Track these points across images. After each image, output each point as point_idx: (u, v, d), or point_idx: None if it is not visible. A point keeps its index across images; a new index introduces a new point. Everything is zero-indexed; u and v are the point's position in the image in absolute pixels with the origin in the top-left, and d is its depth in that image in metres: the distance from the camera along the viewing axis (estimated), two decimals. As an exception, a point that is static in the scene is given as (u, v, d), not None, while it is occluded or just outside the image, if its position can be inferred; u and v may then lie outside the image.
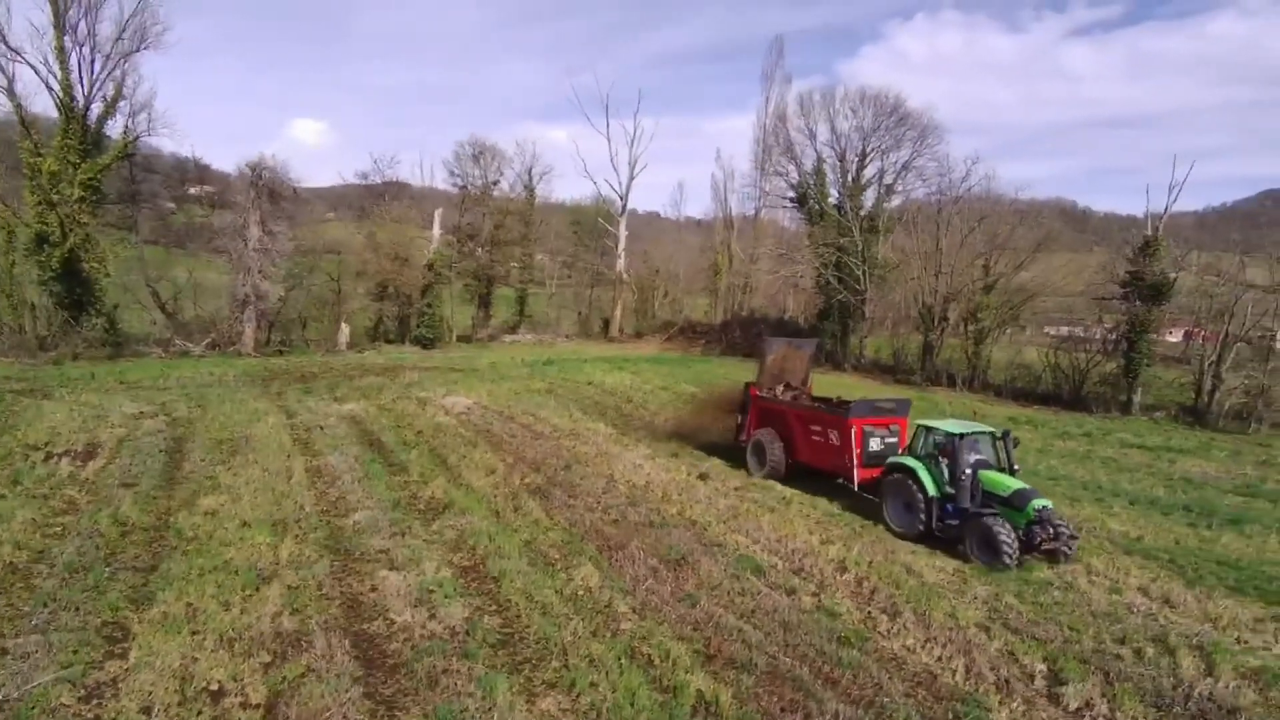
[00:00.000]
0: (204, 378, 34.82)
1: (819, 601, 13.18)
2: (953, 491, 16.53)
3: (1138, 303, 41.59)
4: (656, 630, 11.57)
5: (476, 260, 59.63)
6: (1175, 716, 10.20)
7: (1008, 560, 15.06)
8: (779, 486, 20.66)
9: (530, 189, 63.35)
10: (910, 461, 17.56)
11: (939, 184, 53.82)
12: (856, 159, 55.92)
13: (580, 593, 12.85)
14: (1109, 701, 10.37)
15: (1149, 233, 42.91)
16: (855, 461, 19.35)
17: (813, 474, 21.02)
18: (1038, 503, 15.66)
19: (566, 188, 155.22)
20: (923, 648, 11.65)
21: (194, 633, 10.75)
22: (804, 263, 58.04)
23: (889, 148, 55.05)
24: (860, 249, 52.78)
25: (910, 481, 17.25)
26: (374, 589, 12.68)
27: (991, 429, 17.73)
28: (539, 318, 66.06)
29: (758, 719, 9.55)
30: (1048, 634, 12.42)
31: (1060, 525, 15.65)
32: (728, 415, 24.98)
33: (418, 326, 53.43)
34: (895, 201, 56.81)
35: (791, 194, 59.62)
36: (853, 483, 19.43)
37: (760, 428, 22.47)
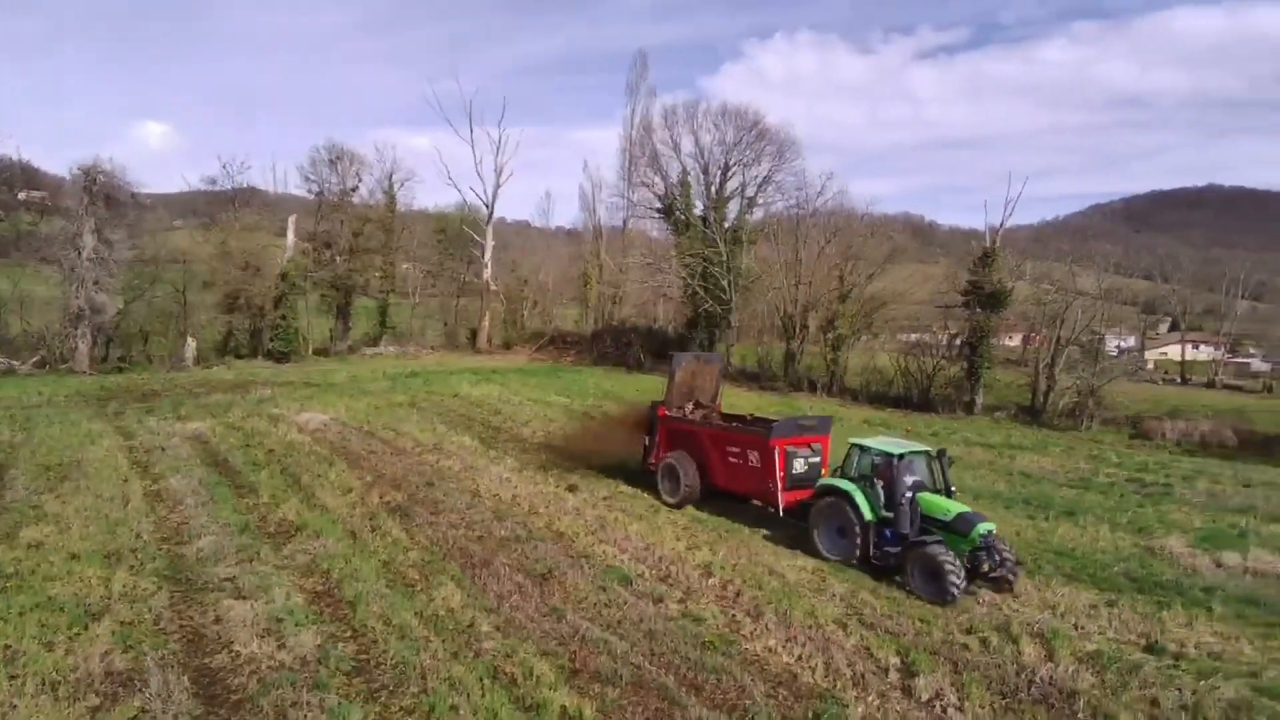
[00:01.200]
0: (31, 398, 31.91)
1: (685, 608, 13.26)
2: (890, 516, 15.51)
3: (978, 310, 44.31)
4: (520, 648, 11.33)
5: (334, 270, 57.30)
6: (1019, 702, 10.76)
7: (954, 593, 13.93)
8: (648, 495, 20.73)
9: (391, 195, 61.47)
10: (844, 484, 16.32)
11: (797, 198, 56.03)
12: (719, 172, 57.37)
13: (441, 613, 12.44)
14: (958, 691, 10.86)
15: (988, 245, 45.89)
16: (779, 485, 17.88)
17: (729, 498, 19.82)
18: (983, 527, 14.71)
19: (430, 195, 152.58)
20: (784, 648, 11.89)
21: (12, 677, 9.75)
22: (672, 273, 58.88)
23: (750, 162, 56.81)
24: (725, 259, 53.99)
25: (845, 506, 15.99)
26: (217, 620, 11.85)
27: (926, 448, 16.59)
28: (402, 329, 64.11)
29: (622, 731, 9.47)
30: (900, 628, 12.94)
31: (1005, 551, 14.79)
32: (630, 436, 23.03)
33: (271, 340, 50.86)
34: (757, 214, 58.62)
35: (658, 205, 60.50)
36: (777, 508, 17.92)
37: (671, 450, 20.69)
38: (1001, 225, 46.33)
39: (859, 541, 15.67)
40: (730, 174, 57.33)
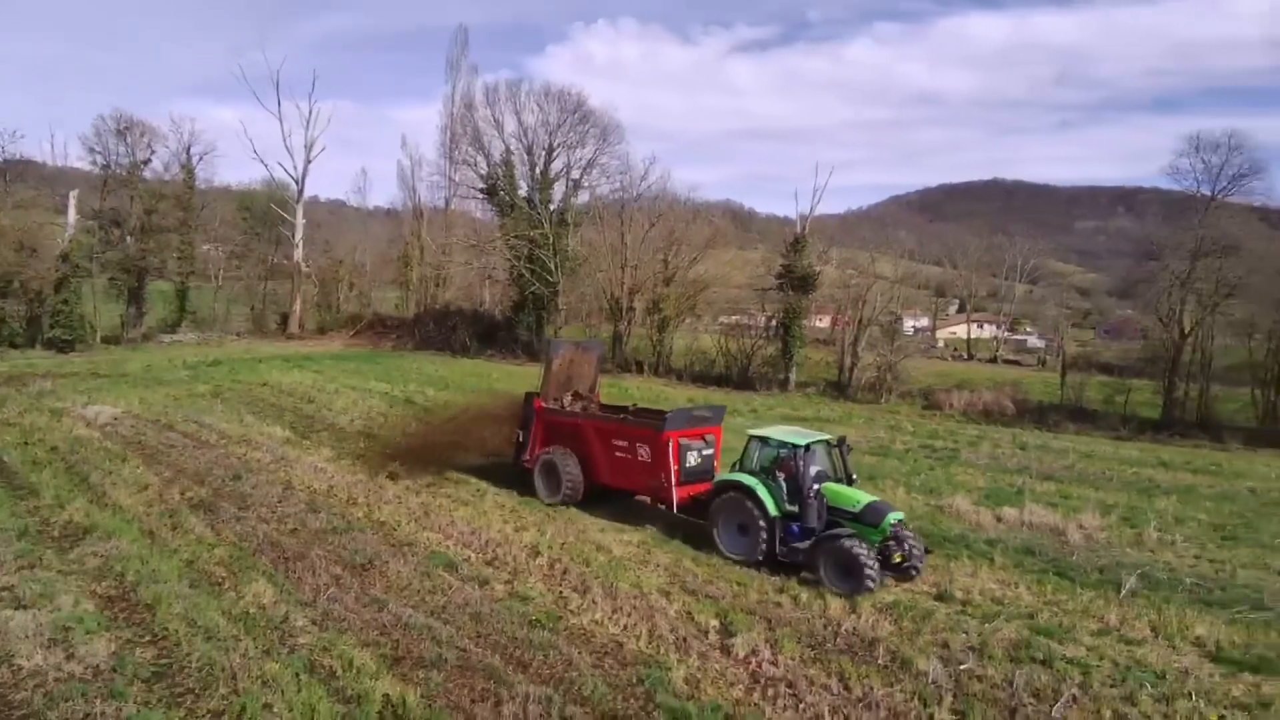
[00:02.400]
0: None
1: (512, 589, 13.27)
2: (795, 510, 14.78)
3: (791, 293, 46.77)
4: (339, 640, 10.93)
5: (124, 251, 52.35)
6: (827, 652, 11.55)
7: (870, 585, 13.46)
8: (474, 479, 20.43)
9: (189, 170, 56.82)
10: (745, 479, 15.41)
11: (622, 181, 56.62)
12: (544, 153, 57.06)
13: (252, 611, 11.78)
14: (771, 646, 11.50)
15: (799, 232, 48.48)
16: (673, 480, 16.84)
17: (617, 495, 18.64)
18: (893, 517, 14.44)
19: (235, 171, 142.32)
20: (610, 619, 12.16)
21: None
22: (497, 254, 58.17)
23: (574, 144, 56.80)
24: (551, 242, 53.89)
25: (747, 501, 15.09)
26: (-9, 634, 10.66)
27: (826, 437, 16.04)
28: (204, 315, 59.67)
29: (447, 715, 9.38)
30: (719, 592, 13.56)
31: (912, 540, 14.55)
32: (497, 431, 21.36)
33: (51, 327, 45.94)
34: (583, 197, 58.76)
35: (482, 185, 59.44)
36: (670, 504, 16.90)
37: (549, 446, 19.18)
38: (810, 213, 49.05)
39: (764, 538, 14.75)
40: (555, 155, 57.19)
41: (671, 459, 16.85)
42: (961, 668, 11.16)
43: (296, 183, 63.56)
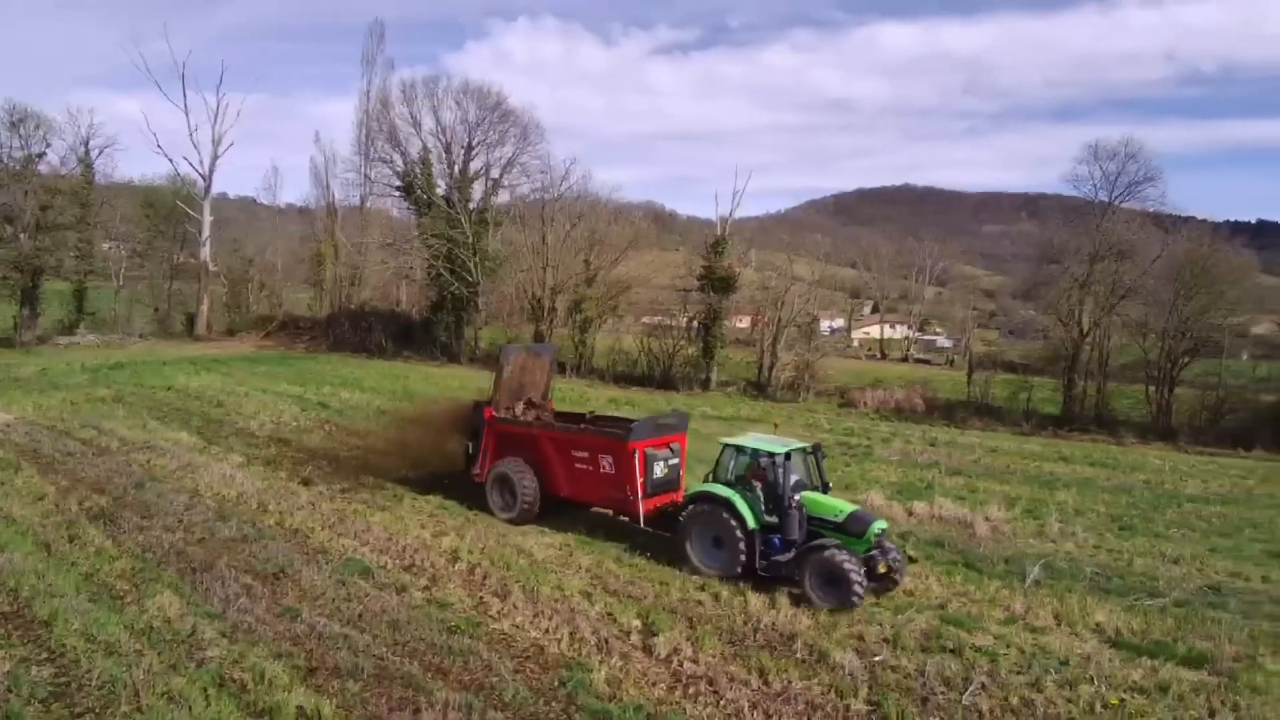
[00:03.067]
0: None
1: (431, 595, 13.06)
2: (774, 521, 14.30)
3: (712, 294, 47.31)
4: (250, 652, 10.58)
5: (17, 249, 49.49)
6: (747, 648, 11.72)
7: (856, 599, 13.01)
8: (390, 484, 20.00)
9: (88, 165, 54.07)
10: (721, 490, 14.73)
11: (542, 181, 56.24)
12: (463, 151, 56.28)
13: (157, 624, 11.30)
14: (693, 644, 11.62)
15: (719, 234, 49.09)
16: (639, 493, 16.01)
17: (574, 508, 17.73)
18: (877, 526, 13.99)
19: (137, 165, 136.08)
20: (531, 623, 12.08)
21: None
22: (415, 254, 57.13)
23: (494, 143, 56.20)
24: (471, 241, 53.22)
25: (724, 513, 14.39)
26: None
27: (802, 444, 15.35)
28: (104, 316, 56.86)
29: (365, 725, 9.18)
30: (642, 592, 13.62)
31: (894, 550, 14.14)
32: (441, 441, 20.24)
33: (-68, 329, 43.17)
34: (503, 196, 58.19)
35: (398, 183, 58.24)
36: (636, 518, 16.07)
37: (502, 458, 18.03)
38: (730, 216, 49.75)
39: (742, 551, 14.10)
40: (474, 154, 56.46)
41: (638, 470, 15.96)
42: (876, 659, 11.48)
43: (203, 178, 61.25)
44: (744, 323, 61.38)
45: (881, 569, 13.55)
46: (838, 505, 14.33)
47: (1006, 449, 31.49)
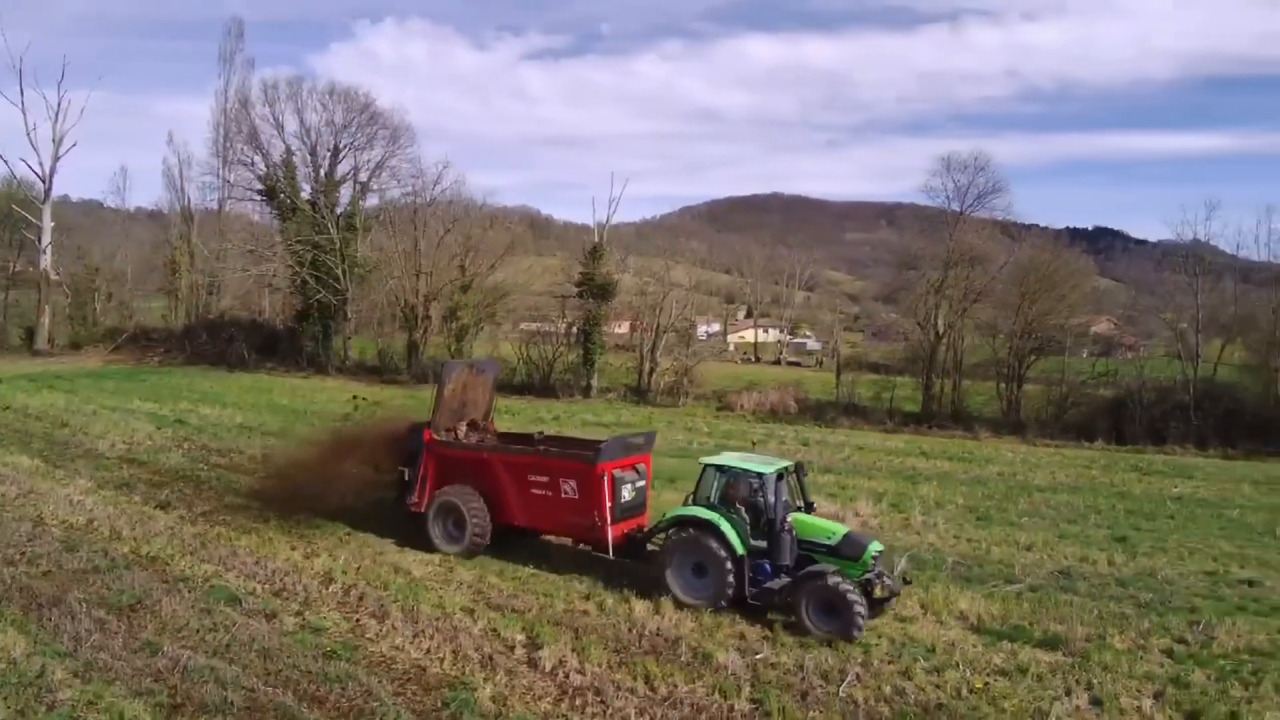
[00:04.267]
0: None
1: (303, 620, 12.50)
2: (762, 545, 13.49)
3: (591, 300, 47.44)
4: (107, 691, 9.86)
5: None
6: (633, 654, 11.77)
7: (858, 630, 12.33)
8: (256, 504, 18.96)
9: (-97, 165, 49.21)
10: (705, 513, 13.76)
11: (414, 185, 55.00)
12: (329, 154, 54.44)
13: (1, 666, 10.36)
14: (579, 655, 11.57)
15: (596, 240, 49.29)
16: (607, 519, 14.85)
17: (521, 535, 16.55)
18: (874, 549, 13.30)
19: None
20: (411, 644, 11.75)
21: None
22: (278, 260, 54.71)
23: (362, 145, 54.61)
24: (339, 247, 51.42)
25: (709, 539, 13.48)
26: None
27: (785, 462, 14.63)
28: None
29: (234, 762, 8.69)
30: (525, 605, 13.48)
31: (886, 572, 13.49)
32: (365, 468, 17.96)
33: None
34: (372, 200, 56.61)
35: (260, 186, 55.68)
36: (603, 546, 14.96)
37: (445, 484, 16.49)
38: (608, 222, 50.07)
39: (730, 580, 13.24)
40: (341, 157, 54.67)
41: (606, 495, 14.84)
42: (757, 657, 11.77)
43: (43, 180, 56.61)
44: (623, 328, 61.81)
45: (879, 593, 12.75)
46: (830, 527, 13.73)
47: (872, 446, 32.94)
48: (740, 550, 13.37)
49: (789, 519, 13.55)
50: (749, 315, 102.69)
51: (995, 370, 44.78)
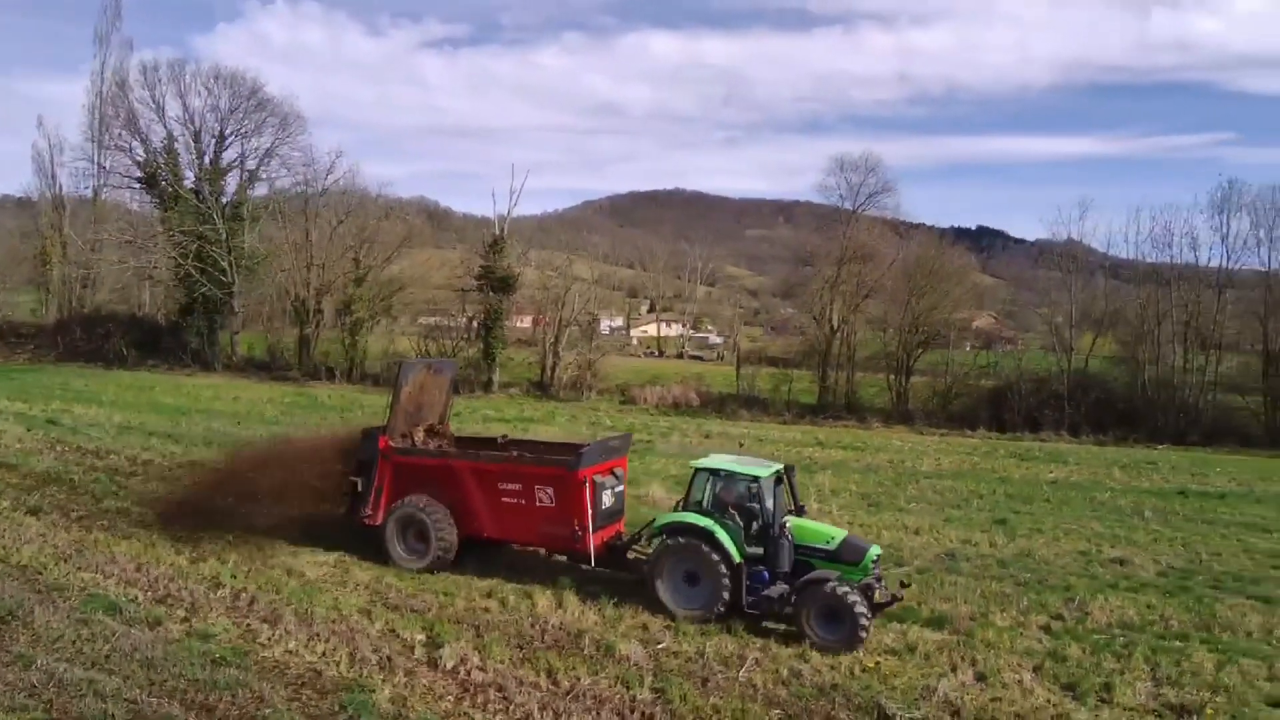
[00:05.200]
0: None
1: (190, 627, 11.96)
2: (758, 552, 13.03)
3: (491, 294, 46.98)
4: (-28, 711, 9.22)
5: None
6: (535, 650, 11.73)
7: (864, 635, 11.94)
8: (136, 508, 18.03)
9: None
10: (699, 519, 13.14)
11: (305, 175, 53.34)
12: (214, 141, 52.26)
13: None
14: (480, 653, 11.45)
15: (497, 233, 48.82)
16: (589, 527, 14.12)
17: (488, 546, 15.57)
18: (873, 553, 13.00)
19: None
20: (306, 647, 11.40)
21: None
22: (159, 252, 52.10)
23: (250, 132, 52.74)
24: (224, 238, 49.36)
25: (704, 546, 12.87)
26: None
27: (777, 465, 14.05)
28: None
29: (115, 778, 8.29)
30: (425, 604, 13.26)
31: (883, 578, 13.29)
32: (306, 479, 16.33)
33: None
34: (260, 189, 54.63)
35: (139, 174, 52.95)
36: (584, 556, 14.28)
37: (404, 495, 15.22)
38: (509, 215, 49.61)
39: (726, 589, 12.69)
40: (227, 144, 52.64)
41: (588, 502, 14.10)
42: (659, 647, 11.92)
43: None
44: (525, 323, 61.45)
45: (878, 599, 12.55)
46: (827, 531, 13.32)
47: (772, 437, 33.79)
48: (737, 558, 12.81)
49: (789, 524, 13.11)
50: (651, 310, 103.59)
51: (885, 363, 46.64)
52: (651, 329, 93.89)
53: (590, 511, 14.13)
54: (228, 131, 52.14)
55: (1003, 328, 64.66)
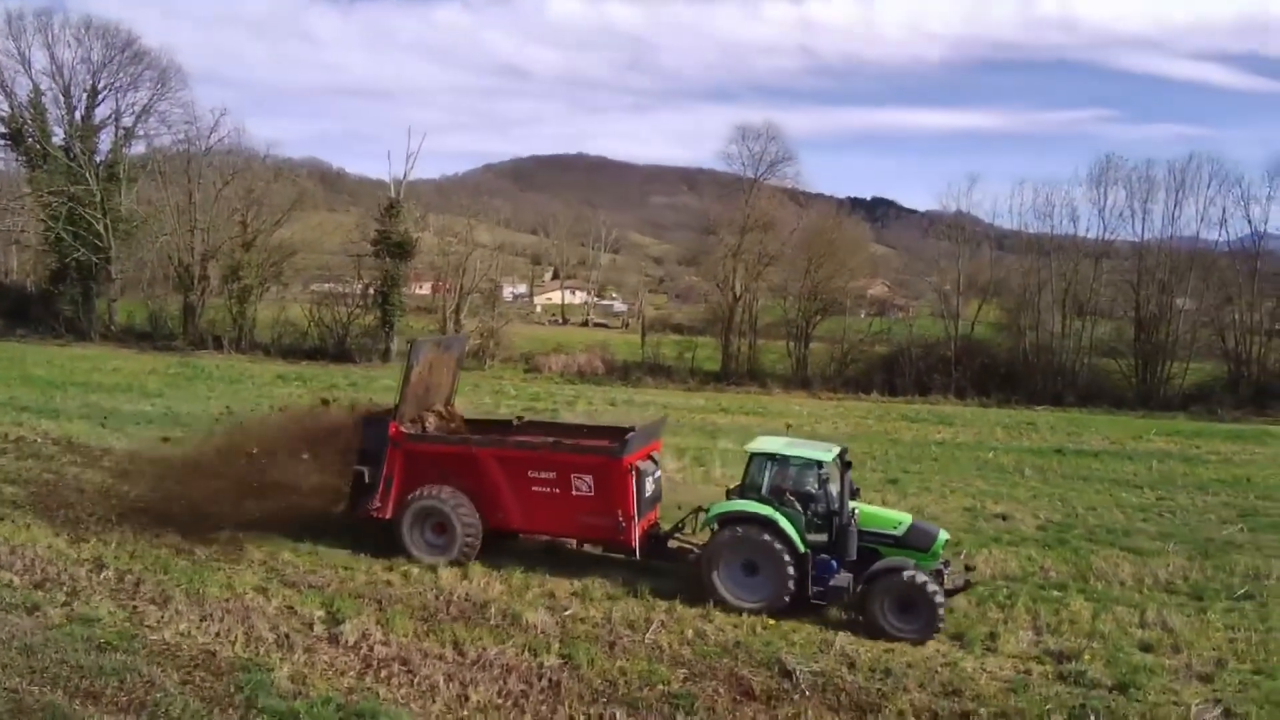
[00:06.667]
0: None
1: (71, 611, 11.34)
2: (822, 540, 12.40)
3: (388, 259, 45.74)
4: None
5: None
6: (440, 621, 11.61)
7: (941, 625, 11.53)
8: (8, 488, 16.95)
9: None
10: (761, 508, 12.41)
11: (186, 133, 50.52)
12: (86, 95, 48.87)
13: None
14: (383, 627, 11.27)
15: (393, 196, 47.43)
16: (634, 518, 13.31)
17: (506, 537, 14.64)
18: (944, 538, 12.60)
19: None
20: (199, 628, 10.99)
21: None
22: (26, 214, 48.61)
23: (125, 87, 49.61)
24: (99, 200, 46.36)
25: (766, 536, 12.20)
26: None
27: (836, 447, 13.35)
28: None
29: (-9, 773, 7.85)
30: (324, 580, 12.95)
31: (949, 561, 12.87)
32: (296, 469, 14.86)
33: None
34: (138, 148, 51.52)
35: (3, 129, 49.14)
36: (628, 548, 13.50)
37: (419, 485, 14.11)
38: (405, 177, 48.27)
39: (791, 579, 12.07)
40: (100, 99, 49.35)
41: (632, 491, 13.29)
42: (566, 614, 12.01)
43: None
44: (425, 289, 60.12)
45: (947, 585, 12.05)
46: (894, 517, 12.84)
47: (676, 404, 34.19)
48: (802, 547, 12.23)
49: (857, 510, 12.56)
50: (555, 277, 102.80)
51: (786, 330, 47.74)
52: (556, 296, 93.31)
53: (634, 501, 13.40)
54: (100, 86, 49.03)
55: (895, 296, 66.96)
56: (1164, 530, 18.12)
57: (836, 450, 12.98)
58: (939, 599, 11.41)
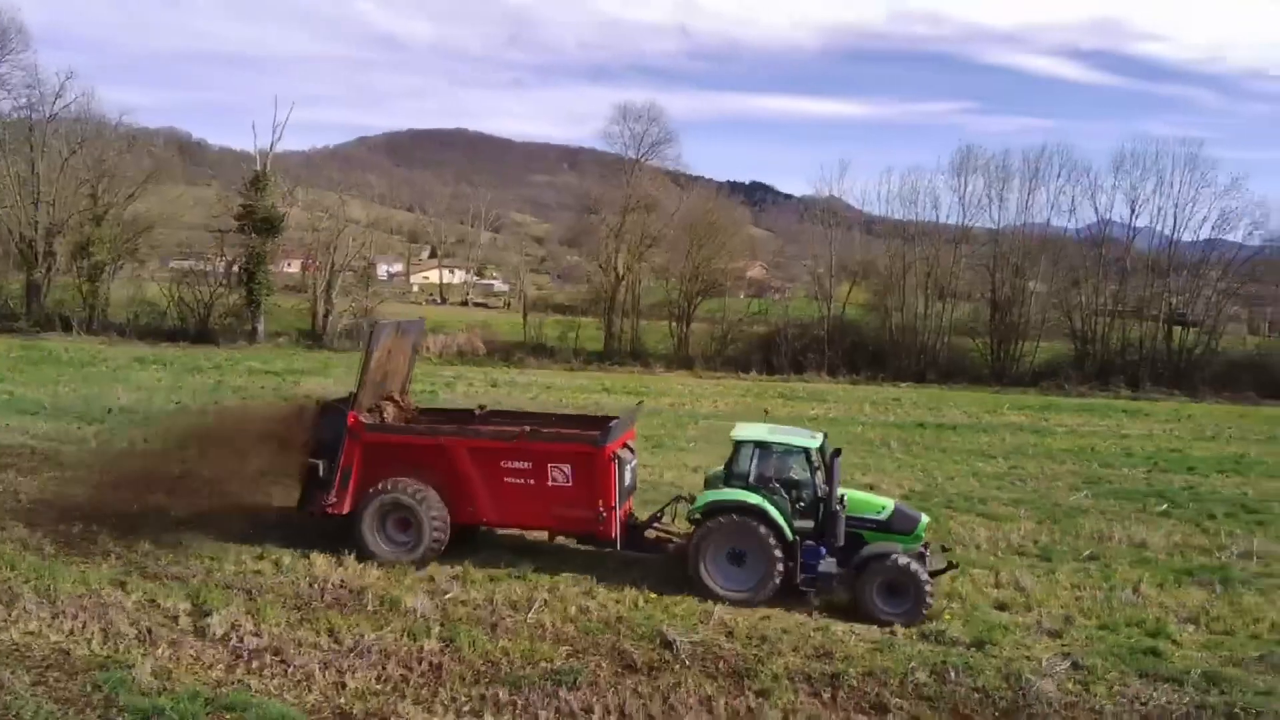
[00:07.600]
0: None
1: (-101, 614, 10.45)
2: (808, 527, 12.37)
3: (254, 236, 43.63)
4: None
5: None
6: (315, 610, 11.26)
7: (929, 607, 11.62)
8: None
9: None
10: (748, 496, 12.31)
11: (29, 98, 46.45)
12: (-95, 53, 44.15)
13: None
14: (253, 617, 10.83)
15: (259, 168, 45.18)
16: (614, 508, 12.89)
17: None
18: (926, 521, 12.75)
19: None
20: (50, 626, 10.31)
21: None
22: None
23: (-46, 46, 44.91)
24: (-78, 167, 42.19)
25: (754, 524, 12.08)
26: None
27: (819, 435, 13.42)
28: None
29: None
30: (189, 571, 12.35)
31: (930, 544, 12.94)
32: (243, 463, 13.99)
33: None
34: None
35: None
36: (610, 540, 13.05)
37: (380, 479, 13.26)
38: (272, 149, 46.07)
39: (779, 568, 11.96)
40: (-77, 58, 44.57)
41: (614, 480, 12.89)
42: (447, 597, 11.87)
43: None
44: (294, 267, 57.68)
45: (931, 567, 12.20)
46: (877, 502, 12.91)
47: (559, 385, 34.21)
48: (790, 535, 12.17)
49: (845, 496, 12.60)
50: (433, 255, 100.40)
51: (668, 310, 48.42)
52: (434, 275, 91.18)
53: (615, 491, 13.01)
54: (-76, 43, 44.37)
55: (772, 278, 68.89)
56: (1016, 497, 19.43)
57: (820, 437, 13.10)
58: (927, 583, 11.60)
